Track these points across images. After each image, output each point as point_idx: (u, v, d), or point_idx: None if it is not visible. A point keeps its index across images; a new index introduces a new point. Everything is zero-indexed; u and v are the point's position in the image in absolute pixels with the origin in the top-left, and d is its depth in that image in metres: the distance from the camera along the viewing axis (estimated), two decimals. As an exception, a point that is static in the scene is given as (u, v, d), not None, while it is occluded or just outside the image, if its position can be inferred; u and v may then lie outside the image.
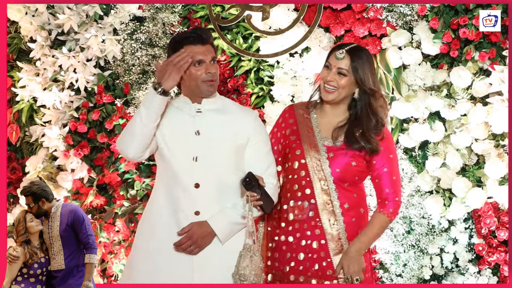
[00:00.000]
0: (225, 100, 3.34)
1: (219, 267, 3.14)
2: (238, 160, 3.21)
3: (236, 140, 3.20)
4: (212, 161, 3.15)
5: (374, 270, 4.48)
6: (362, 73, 3.21)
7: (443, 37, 4.27)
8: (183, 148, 3.16)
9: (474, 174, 4.28)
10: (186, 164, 3.15)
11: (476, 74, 4.28)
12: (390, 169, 3.23)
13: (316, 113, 3.35)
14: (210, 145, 3.16)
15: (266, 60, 4.60)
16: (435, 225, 4.35)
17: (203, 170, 3.14)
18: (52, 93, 4.69)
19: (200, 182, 3.12)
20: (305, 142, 3.28)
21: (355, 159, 3.23)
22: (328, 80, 3.21)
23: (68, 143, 4.71)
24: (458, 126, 4.29)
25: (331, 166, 3.26)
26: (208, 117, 3.20)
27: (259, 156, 3.24)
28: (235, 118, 3.25)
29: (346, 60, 3.19)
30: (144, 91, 4.66)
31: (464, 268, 4.29)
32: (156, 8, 4.67)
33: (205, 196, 3.14)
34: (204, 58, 3.11)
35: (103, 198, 4.72)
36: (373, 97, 3.22)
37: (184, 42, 3.15)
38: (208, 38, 3.18)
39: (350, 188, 3.26)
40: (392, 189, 3.23)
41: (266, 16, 4.52)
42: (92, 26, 4.68)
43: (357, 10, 4.35)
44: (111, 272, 4.64)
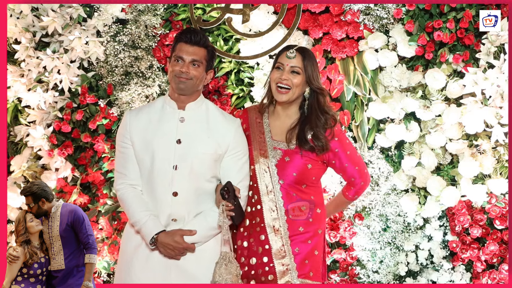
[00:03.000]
0: (209, 106, 3.34)
1: (195, 276, 3.15)
2: (216, 168, 3.23)
3: (216, 150, 3.22)
4: (191, 169, 3.18)
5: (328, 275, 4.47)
6: (312, 71, 3.24)
7: (418, 39, 4.34)
8: (164, 156, 3.18)
9: (448, 173, 4.36)
10: (166, 173, 3.17)
11: (450, 76, 4.36)
12: (351, 163, 3.30)
13: (268, 116, 3.36)
14: (190, 154, 3.18)
15: (246, 62, 4.62)
16: (410, 223, 4.41)
17: (181, 178, 3.17)
18: (37, 93, 4.69)
19: (178, 190, 3.15)
20: (255, 149, 3.30)
21: (310, 161, 3.25)
22: (282, 79, 3.21)
23: (52, 142, 4.70)
24: (433, 126, 4.37)
25: (288, 169, 3.28)
26: (190, 126, 3.21)
27: (235, 166, 3.26)
28: (217, 127, 3.26)
29: (298, 59, 3.22)
30: (126, 91, 4.64)
31: (438, 264, 4.37)
32: (138, 11, 4.68)
33: (182, 204, 3.17)
34: (184, 56, 3.16)
35: (86, 196, 4.72)
36: (321, 95, 3.25)
37: (177, 39, 3.23)
38: (198, 41, 3.20)
39: (307, 190, 3.27)
40: (357, 175, 3.32)
41: (246, 19, 4.53)
42: (76, 28, 4.67)
43: (335, 13, 4.37)
44: (95, 269, 4.59)
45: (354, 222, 4.44)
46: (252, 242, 3.26)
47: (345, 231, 4.43)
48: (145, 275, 3.16)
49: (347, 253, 4.44)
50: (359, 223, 4.43)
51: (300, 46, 3.33)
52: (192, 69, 3.16)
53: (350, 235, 4.45)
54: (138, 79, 4.67)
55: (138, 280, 3.17)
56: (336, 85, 4.42)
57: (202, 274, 3.17)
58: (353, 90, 4.45)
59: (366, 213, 4.46)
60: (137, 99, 4.67)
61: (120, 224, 4.63)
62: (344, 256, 4.44)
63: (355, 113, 4.48)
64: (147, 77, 4.67)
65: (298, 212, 3.24)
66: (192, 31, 3.27)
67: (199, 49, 3.18)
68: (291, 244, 3.19)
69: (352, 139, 4.48)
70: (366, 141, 4.47)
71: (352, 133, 4.48)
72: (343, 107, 4.46)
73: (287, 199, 3.21)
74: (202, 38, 3.21)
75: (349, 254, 4.44)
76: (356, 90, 4.45)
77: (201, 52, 3.18)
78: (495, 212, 4.26)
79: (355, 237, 4.42)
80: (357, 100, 4.48)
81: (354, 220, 4.44)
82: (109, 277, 4.74)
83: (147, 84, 4.68)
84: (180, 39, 3.23)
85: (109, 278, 4.73)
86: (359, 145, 4.50)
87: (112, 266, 4.69)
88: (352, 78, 4.46)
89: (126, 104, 4.68)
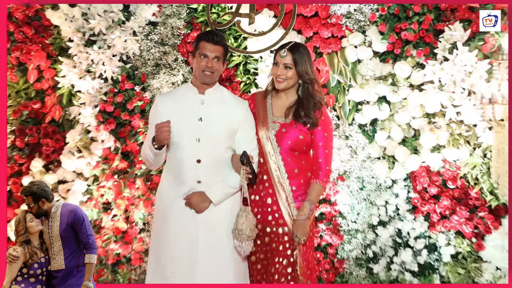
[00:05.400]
0: (223, 91, 3.48)
1: (219, 225, 3.37)
2: (230, 141, 3.39)
3: (230, 126, 3.37)
4: (211, 141, 3.33)
5: (316, 224, 4.63)
6: (302, 65, 3.40)
7: (388, 38, 4.57)
8: (189, 132, 3.32)
9: (412, 144, 4.61)
10: (191, 144, 3.32)
11: (414, 67, 4.57)
12: (324, 144, 3.44)
13: (272, 98, 3.53)
14: (209, 129, 3.34)
15: (252, 56, 4.75)
16: (381, 183, 4.66)
17: (203, 149, 3.32)
18: (86, 81, 4.79)
19: (201, 158, 3.32)
20: (259, 123, 3.48)
21: (302, 133, 3.43)
22: (278, 75, 3.42)
23: (98, 120, 4.81)
24: (400, 107, 4.59)
25: (284, 138, 3.45)
26: (209, 107, 3.38)
27: (246, 139, 3.41)
28: (230, 108, 3.40)
29: (288, 57, 3.38)
30: (156, 79, 4.78)
31: (403, 216, 4.63)
32: (166, 15, 4.77)
33: (205, 169, 3.33)
34: (208, 54, 3.31)
35: (126, 162, 4.82)
36: (311, 84, 3.43)
37: (200, 38, 3.38)
38: (218, 41, 3.33)
39: (299, 156, 3.46)
40: (324, 159, 3.43)
41: (252, 21, 4.68)
42: (117, 29, 4.77)
43: (323, 17, 4.60)
44: (133, 219, 4.78)
45: (337, 183, 4.66)
46: (263, 195, 3.45)
47: (330, 190, 4.65)
48: (177, 225, 3.34)
49: (331, 207, 4.67)
50: (341, 184, 4.65)
51: (292, 44, 3.45)
52: (215, 63, 3.32)
53: (334, 193, 4.66)
54: (166, 69, 4.79)
55: (172, 229, 3.33)
56: (324, 74, 4.63)
57: (224, 225, 3.37)
58: (337, 78, 4.63)
59: (347, 176, 4.68)
60: (165, 85, 4.78)
61: (152, 184, 4.72)
62: (329, 209, 4.67)
63: (338, 96, 4.65)
64: (173, 68, 4.79)
65: (292, 173, 3.45)
66: (213, 33, 3.38)
67: (219, 47, 3.33)
68: (293, 196, 3.42)
69: (336, 117, 4.67)
70: (347, 119, 4.67)
71: (336, 112, 4.66)
72: (329, 91, 4.65)
73: (286, 162, 3.42)
74: (221, 38, 3.35)
75: (333, 208, 4.67)
76: (339, 78, 4.63)
77: (220, 49, 3.33)
78: (448, 175, 4.53)
79: (338, 195, 4.67)
80: (340, 86, 4.66)
81: (337, 181, 4.66)
82: (144, 226, 4.80)
83: (173, 73, 4.79)
84: (203, 39, 3.35)
85: (144, 226, 4.80)
86: (341, 122, 4.68)
87: (146, 217, 4.76)
88: (336, 68, 4.64)
89: (156, 89, 4.79)
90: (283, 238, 3.42)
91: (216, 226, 3.34)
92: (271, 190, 3.43)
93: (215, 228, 3.33)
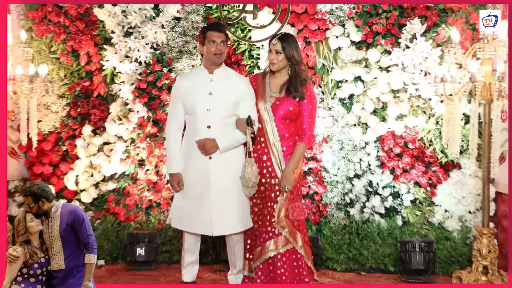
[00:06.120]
0: (228, 70, 3.94)
1: (227, 173, 3.83)
2: (235, 109, 3.84)
3: (234, 98, 3.81)
4: (218, 111, 3.77)
5: (305, 177, 5.05)
6: (289, 50, 3.80)
7: (363, 30, 5.08)
8: (201, 104, 3.76)
9: (381, 114, 5.12)
10: (203, 113, 3.76)
11: (383, 53, 5.10)
12: (308, 114, 3.84)
13: (270, 77, 3.97)
14: (218, 101, 3.78)
15: (255, 44, 5.22)
16: (357, 145, 5.16)
17: (213, 116, 3.76)
18: (125, 64, 5.23)
19: (211, 124, 3.77)
20: (259, 95, 3.90)
21: (292, 105, 3.84)
22: (271, 59, 3.87)
23: (134, 94, 5.23)
24: (372, 85, 5.10)
25: (278, 109, 3.84)
26: (217, 84, 3.80)
27: (248, 108, 3.85)
28: (234, 84, 3.83)
29: (278, 44, 3.83)
30: (180, 63, 5.17)
31: (374, 170, 5.14)
32: (187, 12, 5.23)
33: (214, 132, 3.76)
34: (216, 39, 3.77)
35: (156, 128, 5.26)
36: (297, 65, 3.85)
37: (207, 29, 3.83)
38: (222, 29, 3.83)
39: (290, 123, 3.89)
40: (307, 126, 3.81)
41: (255, 17, 5.19)
42: (149, 23, 5.20)
43: (311, 13, 5.10)
44: (162, 173, 5.24)
45: (322, 144, 5.17)
46: (260, 153, 3.88)
47: (316, 150, 5.17)
48: (192, 170, 3.80)
49: (317, 163, 5.18)
50: (325, 145, 5.16)
51: (282, 34, 3.89)
52: (221, 46, 3.79)
53: (320, 152, 5.17)
54: (187, 55, 5.26)
55: (189, 172, 3.78)
56: (311, 58, 5.14)
57: (231, 172, 3.83)
58: (322, 62, 5.14)
59: (330, 139, 5.19)
60: (186, 67, 5.25)
61: (179, 146, 4.66)
62: (316, 165, 5.19)
63: (323, 76, 5.16)
64: (193, 53, 5.24)
65: (283, 137, 3.87)
66: (217, 23, 3.91)
67: (222, 33, 3.82)
68: (283, 155, 3.86)
69: (321, 93, 5.14)
70: (330, 94, 5.19)
71: (321, 89, 5.16)
72: (316, 72, 5.14)
73: (279, 128, 3.87)
74: (223, 27, 3.87)
75: (318, 164, 5.18)
76: (324, 62, 5.13)
77: (223, 35, 3.81)
78: (408, 138, 5.02)
79: (322, 154, 5.19)
80: (325, 68, 5.16)
81: (322, 143, 5.18)
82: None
83: (193, 58, 5.26)
84: (209, 29, 3.81)
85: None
86: (325, 96, 5.14)
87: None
88: (321, 54, 5.12)
89: (180, 70, 5.23)
90: (275, 188, 3.88)
91: (225, 172, 3.86)
92: (266, 150, 3.87)
93: (224, 173, 3.85)
